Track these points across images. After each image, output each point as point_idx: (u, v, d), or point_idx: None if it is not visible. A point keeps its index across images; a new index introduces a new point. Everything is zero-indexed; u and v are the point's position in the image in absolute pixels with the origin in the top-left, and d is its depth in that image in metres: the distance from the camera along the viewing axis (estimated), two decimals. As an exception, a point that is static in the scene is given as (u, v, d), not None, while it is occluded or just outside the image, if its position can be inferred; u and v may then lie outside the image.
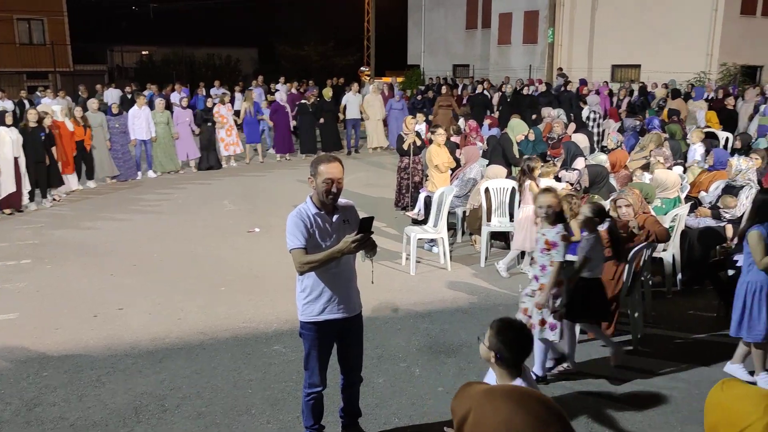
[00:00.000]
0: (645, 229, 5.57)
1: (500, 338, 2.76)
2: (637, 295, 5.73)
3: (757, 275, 4.81)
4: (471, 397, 1.62)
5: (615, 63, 25.35)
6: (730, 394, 1.51)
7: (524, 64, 28.07)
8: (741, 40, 23.10)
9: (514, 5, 28.50)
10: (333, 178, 3.72)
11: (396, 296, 6.96)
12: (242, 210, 11.03)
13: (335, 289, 3.86)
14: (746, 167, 7.17)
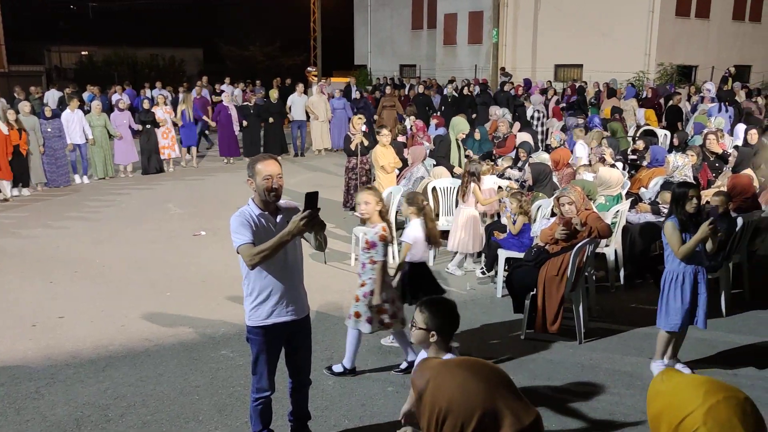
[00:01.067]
0: (587, 226, 5.69)
1: (438, 315, 2.89)
2: (581, 291, 5.84)
3: (675, 265, 4.98)
4: (429, 368, 1.73)
5: (558, 63, 25.87)
6: (670, 384, 1.55)
7: (470, 64, 28.39)
8: (676, 41, 23.88)
9: (458, 6, 28.79)
10: (271, 174, 3.68)
11: (345, 297, 6.92)
12: (187, 214, 10.83)
13: (283, 291, 3.80)
14: (682, 164, 7.41)
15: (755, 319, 6.37)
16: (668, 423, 1.50)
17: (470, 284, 7.36)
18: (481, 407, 1.55)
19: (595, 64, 23.46)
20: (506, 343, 5.80)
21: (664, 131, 13.41)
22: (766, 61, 26.23)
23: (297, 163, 16.10)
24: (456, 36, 29.46)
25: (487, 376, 1.61)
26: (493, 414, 1.52)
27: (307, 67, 32.95)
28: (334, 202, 10.65)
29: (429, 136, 12.13)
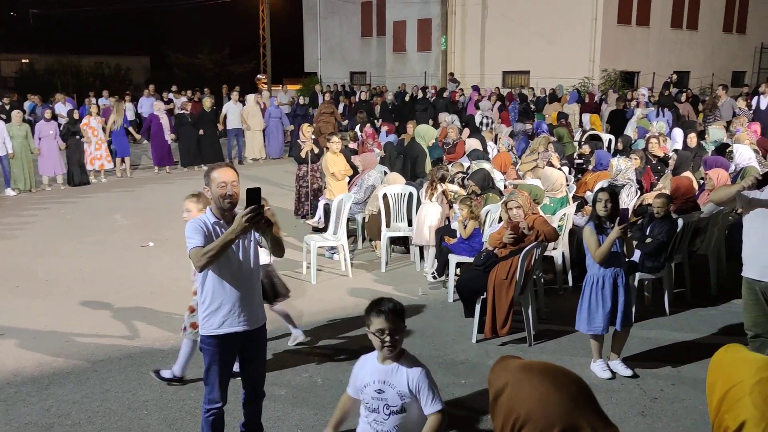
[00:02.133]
0: (534, 230, 5.79)
1: (404, 318, 3.10)
2: (530, 293, 5.94)
3: (595, 269, 5.13)
4: (509, 371, 1.69)
5: (505, 69, 26.28)
6: (732, 356, 1.66)
7: (420, 70, 28.62)
8: (619, 47, 24.53)
9: (407, 13, 29.00)
10: (226, 182, 3.67)
11: (297, 306, 6.89)
12: (135, 224, 10.62)
13: (236, 300, 3.76)
14: (625, 167, 7.62)
15: (697, 316, 6.57)
16: (720, 390, 1.61)
17: (422, 289, 7.40)
18: (560, 422, 1.53)
19: (541, 70, 23.91)
20: (458, 347, 5.85)
21: (609, 135, 13.75)
22: (703, 67, 27.15)
23: (244, 169, 15.93)
24: (405, 43, 29.66)
25: (569, 389, 1.60)
26: (572, 429, 1.51)
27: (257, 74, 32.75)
28: (285, 210, 10.59)
29: (379, 143, 12.18)
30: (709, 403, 1.66)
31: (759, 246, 4.57)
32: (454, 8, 26.75)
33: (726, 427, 1.58)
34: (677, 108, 15.56)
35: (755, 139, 11.02)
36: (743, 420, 1.54)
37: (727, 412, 1.58)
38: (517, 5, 24.85)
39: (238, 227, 3.45)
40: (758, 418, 1.52)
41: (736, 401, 1.56)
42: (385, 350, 3.11)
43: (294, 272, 7.96)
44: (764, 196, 4.53)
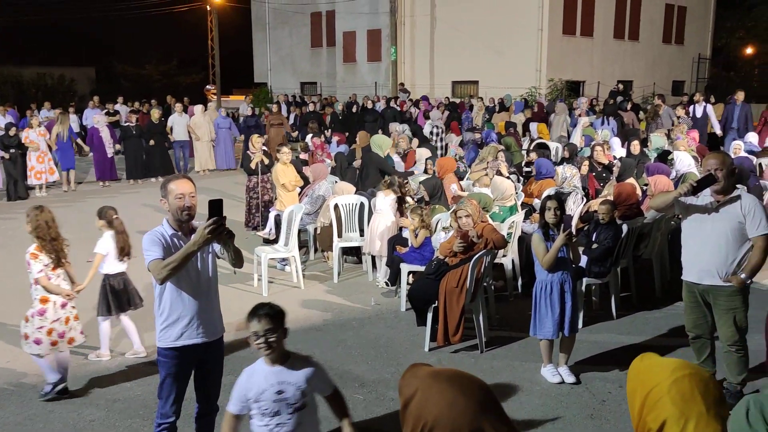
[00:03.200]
0: (484, 238, 5.86)
1: (281, 320, 3.16)
2: (480, 301, 6.00)
3: (543, 276, 5.24)
4: (418, 378, 1.72)
5: (455, 79, 26.60)
6: (647, 362, 1.76)
7: (370, 81, 28.74)
8: (565, 58, 25.11)
9: (357, 24, 29.12)
10: (184, 193, 3.65)
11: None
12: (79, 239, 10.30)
13: (194, 312, 3.72)
14: (571, 175, 7.79)
15: (642, 320, 6.74)
16: (640, 395, 1.70)
17: (375, 299, 7.41)
18: (467, 426, 1.57)
19: (490, 80, 24.27)
20: (411, 356, 5.87)
21: (556, 144, 14.02)
22: (645, 77, 27.98)
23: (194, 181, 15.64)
24: (356, 54, 29.76)
25: (477, 396, 1.64)
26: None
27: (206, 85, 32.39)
28: (235, 222, 10.46)
29: (330, 153, 12.17)
30: (631, 410, 1.74)
31: (697, 250, 4.73)
32: (403, 19, 26.98)
33: (649, 429, 1.66)
34: (622, 117, 15.99)
35: (694, 146, 11.40)
36: (664, 419, 1.62)
37: (648, 414, 1.66)
38: (465, 16, 25.21)
39: (200, 239, 3.43)
40: (677, 415, 1.61)
41: (656, 402, 1.65)
42: (262, 351, 3.16)
43: (245, 285, 7.88)
44: (700, 201, 4.69)
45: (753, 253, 4.58)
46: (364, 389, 5.24)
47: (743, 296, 4.69)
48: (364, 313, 6.98)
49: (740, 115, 14.24)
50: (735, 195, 4.59)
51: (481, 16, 24.80)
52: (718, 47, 33.44)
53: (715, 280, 4.65)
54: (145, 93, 30.36)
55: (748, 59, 34.15)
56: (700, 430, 1.60)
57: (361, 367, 5.65)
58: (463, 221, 5.91)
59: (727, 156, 4.83)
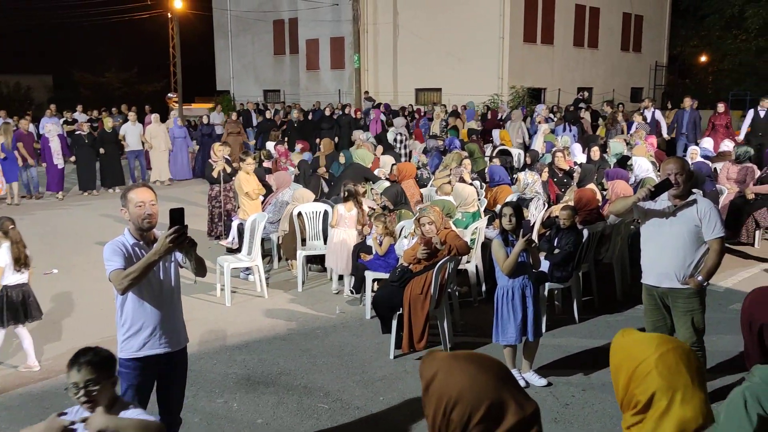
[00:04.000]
0: (447, 244, 5.88)
1: (110, 367, 2.81)
2: (445, 307, 6.02)
3: (504, 281, 5.29)
4: (438, 360, 1.80)
5: (418, 87, 26.73)
6: (630, 338, 1.86)
7: (333, 88, 28.72)
8: (526, 65, 25.44)
9: (320, 32, 29.09)
10: (144, 201, 3.61)
11: (211, 329, 6.73)
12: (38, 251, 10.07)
13: (157, 321, 3.66)
14: (532, 181, 7.88)
15: (604, 323, 6.83)
16: (626, 370, 1.79)
17: (340, 307, 7.37)
18: (489, 397, 1.66)
19: (453, 87, 24.45)
20: (376, 364, 5.85)
21: (518, 150, 14.18)
22: (604, 84, 28.48)
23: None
24: (319, 61, 29.71)
25: (495, 370, 1.74)
26: (499, 404, 1.65)
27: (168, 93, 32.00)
28: (197, 231, 10.33)
29: (293, 161, 12.11)
30: (616, 384, 1.84)
31: (655, 254, 4.81)
32: (366, 27, 27.03)
33: (637, 401, 1.76)
34: (581, 123, 16.26)
35: (653, 152, 11.63)
36: (653, 391, 1.73)
37: (636, 388, 1.76)
38: (427, 24, 25.38)
39: (162, 248, 3.39)
40: (665, 386, 1.72)
41: (645, 376, 1.75)
42: (82, 404, 2.74)
43: (208, 295, 7.78)
44: (658, 206, 4.77)
45: (709, 255, 4.67)
46: (329, 398, 5.20)
47: (701, 298, 4.78)
48: (329, 321, 6.94)
49: (689, 121, 14.67)
50: (691, 199, 4.69)
51: (443, 24, 24.99)
52: (673, 55, 34.25)
53: (673, 282, 4.73)
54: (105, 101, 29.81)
55: (703, 66, 35.04)
56: (687, 399, 1.71)
57: (325, 377, 5.61)
58: (426, 228, 5.93)
59: (686, 161, 4.93)
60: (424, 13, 25.45)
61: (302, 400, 5.17)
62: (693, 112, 14.83)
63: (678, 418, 1.70)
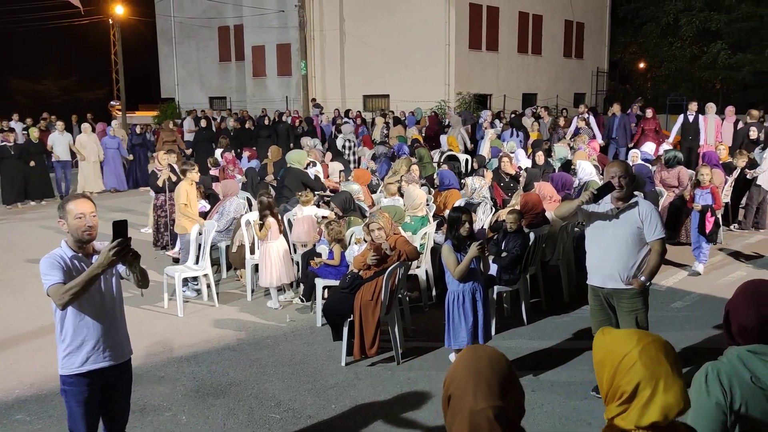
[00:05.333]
0: (397, 250, 5.90)
1: None
2: (395, 312, 6.03)
3: (455, 286, 5.35)
4: (459, 355, 2.06)
5: (366, 93, 26.81)
6: (610, 336, 1.99)
7: (281, 95, 28.58)
8: (472, 71, 25.79)
9: (266, 38, 28.91)
10: (85, 213, 3.50)
11: (159, 341, 6.59)
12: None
13: (99, 335, 3.55)
14: (479, 186, 7.98)
15: (552, 324, 6.95)
16: (611, 364, 1.92)
17: (290, 316, 7.31)
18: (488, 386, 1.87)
19: (400, 94, 24.62)
20: (327, 371, 5.82)
21: (466, 156, 14.34)
22: (548, 90, 29.08)
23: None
24: (265, 68, 29.53)
25: (489, 355, 1.97)
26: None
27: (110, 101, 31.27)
28: (143, 241, 10.12)
29: (241, 168, 11.98)
30: (600, 378, 1.97)
31: (599, 255, 4.92)
32: (313, 33, 27.00)
33: (623, 392, 1.88)
34: (526, 128, 16.56)
35: (595, 155, 11.91)
36: (638, 381, 1.85)
37: (622, 379, 1.89)
38: (374, 31, 25.51)
39: (105, 261, 3.30)
40: (649, 376, 1.85)
41: (630, 368, 1.87)
42: None
43: (155, 306, 7.61)
44: (601, 209, 4.89)
45: (651, 256, 4.81)
46: (280, 408, 5.15)
47: (644, 298, 4.91)
48: (279, 330, 6.88)
49: (619, 126, 15.16)
50: (633, 201, 4.82)
51: (390, 31, 25.15)
52: (614, 61, 35.24)
53: (617, 283, 4.85)
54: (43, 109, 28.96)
55: (642, 72, 36.15)
56: (669, 386, 1.84)
57: (276, 386, 5.55)
58: (375, 234, 5.94)
59: (628, 165, 5.07)
60: (370, 20, 25.57)
61: (253, 411, 5.10)
62: (623, 117, 15.35)
63: (661, 404, 1.83)
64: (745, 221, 10.92)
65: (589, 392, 5.23)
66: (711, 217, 8.23)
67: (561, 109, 25.48)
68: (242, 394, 5.39)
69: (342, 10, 26.44)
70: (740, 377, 2.16)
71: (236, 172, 11.48)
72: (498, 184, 9.71)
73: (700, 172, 8.57)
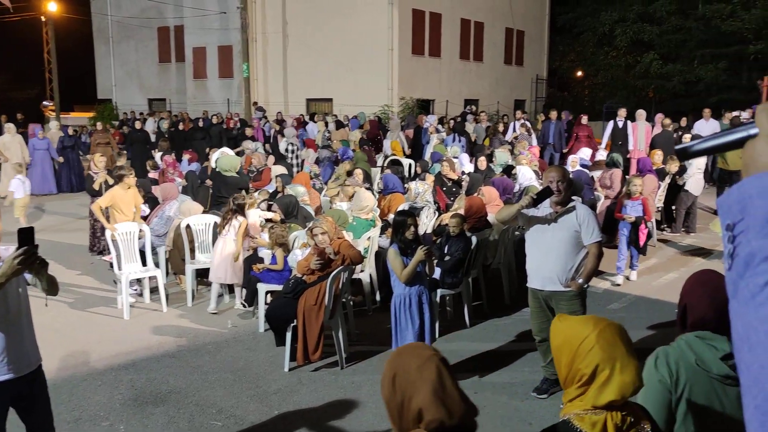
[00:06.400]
0: (341, 254, 5.89)
1: None
2: (339, 317, 6.01)
3: (401, 289, 5.40)
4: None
5: (309, 97, 26.67)
6: (567, 322, 2.09)
7: (222, 97, 28.17)
8: (415, 76, 25.97)
9: (207, 40, 28.46)
10: None
11: (94, 348, 6.40)
12: None
13: (3, 345, 3.41)
14: (423, 190, 8.05)
15: (494, 326, 7.06)
16: (569, 349, 2.01)
17: (231, 321, 7.21)
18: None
19: (344, 98, 24.58)
20: (270, 377, 5.76)
21: (409, 160, 14.44)
22: (490, 96, 29.55)
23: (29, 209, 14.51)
24: (206, 70, 29.05)
25: (418, 352, 2.10)
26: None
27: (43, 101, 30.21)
28: (78, 246, 9.82)
29: (181, 171, 11.75)
30: (559, 364, 2.06)
31: (539, 258, 5.04)
32: (255, 36, 26.71)
33: (582, 375, 1.98)
34: (469, 134, 16.80)
35: (536, 161, 12.18)
36: (596, 363, 1.95)
37: (581, 363, 1.98)
38: (317, 35, 25.40)
39: (9, 270, 3.17)
40: (606, 358, 1.95)
41: (588, 351, 1.98)
42: None
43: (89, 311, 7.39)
44: (541, 213, 5.00)
45: (588, 259, 4.94)
46: (222, 415, 5.07)
47: (581, 299, 5.05)
48: (221, 336, 6.77)
49: (555, 132, 15.60)
50: (571, 206, 4.95)
51: (333, 35, 25.09)
52: (553, 69, 36.09)
53: (556, 285, 4.97)
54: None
55: (579, 80, 37.14)
56: (625, 366, 1.95)
57: (218, 393, 5.46)
58: (319, 238, 5.92)
59: (566, 170, 5.20)
60: (313, 23, 25.47)
61: (194, 419, 5.01)
62: (559, 123, 15.82)
63: (619, 384, 1.93)
64: (675, 225, 11.33)
65: (530, 393, 5.33)
66: (645, 229, 8.33)
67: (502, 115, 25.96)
68: (183, 401, 5.28)
69: (285, 13, 26.24)
70: (686, 360, 2.29)
71: (176, 175, 11.25)
72: (441, 188, 9.81)
73: (632, 183, 8.47)
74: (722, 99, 25.66)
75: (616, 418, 1.95)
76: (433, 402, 1.97)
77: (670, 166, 10.96)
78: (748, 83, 27.19)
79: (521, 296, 7.21)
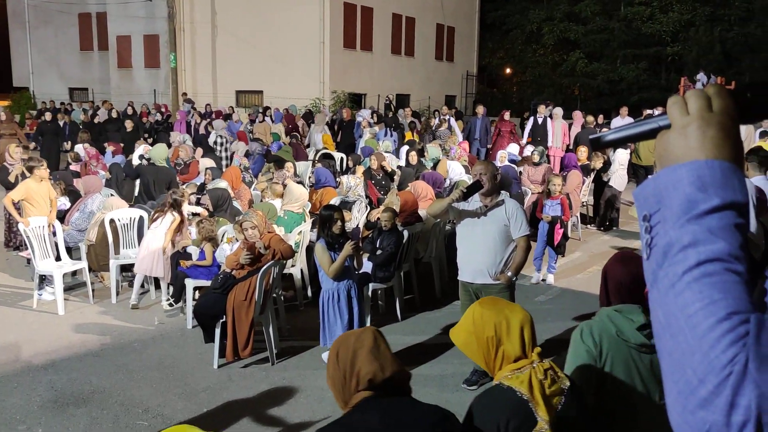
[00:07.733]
0: (271, 248, 5.81)
1: None
2: (270, 312, 5.94)
3: (329, 284, 5.40)
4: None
5: (238, 89, 26.21)
6: (456, 327, 2.41)
7: (148, 88, 27.36)
8: (346, 70, 25.90)
9: (132, 28, 27.55)
10: None
11: (10, 349, 6.10)
12: None
13: None
14: (354, 184, 8.03)
15: (425, 320, 7.11)
16: (467, 332, 2.31)
17: (158, 318, 7.01)
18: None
19: (274, 90, 24.27)
20: (199, 374, 5.63)
21: (341, 154, 14.38)
22: (421, 91, 29.77)
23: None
24: (132, 59, 28.13)
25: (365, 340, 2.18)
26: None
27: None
28: (-7, 242, 9.35)
29: (105, 164, 11.34)
30: (474, 354, 2.32)
31: (469, 252, 5.11)
32: (183, 26, 26.02)
33: (489, 337, 2.24)
34: (402, 127, 16.88)
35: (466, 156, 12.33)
36: (493, 322, 2.26)
37: (483, 332, 2.26)
38: (247, 26, 24.97)
39: None
40: (497, 313, 2.28)
41: (481, 319, 2.28)
42: None
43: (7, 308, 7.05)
44: (471, 207, 5.07)
45: (517, 252, 5.05)
46: (149, 414, 4.92)
47: (510, 292, 5.15)
48: (147, 333, 6.58)
49: (481, 127, 15.93)
50: (500, 200, 5.04)
51: (264, 27, 24.72)
52: (483, 65, 36.66)
53: (486, 278, 5.05)
54: None
55: (508, 77, 37.86)
56: (512, 310, 2.32)
57: (144, 391, 5.30)
58: (249, 233, 5.81)
59: (492, 163, 5.29)
60: (243, 14, 25.02)
61: (119, 419, 4.85)
62: (484, 119, 16.14)
63: (518, 320, 2.28)
64: (600, 220, 11.70)
65: (461, 385, 5.40)
66: (560, 229, 8.27)
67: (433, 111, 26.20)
68: (106, 401, 5.11)
69: (213, 3, 25.67)
70: (608, 332, 2.49)
71: (99, 168, 10.85)
72: (371, 182, 9.81)
73: (551, 182, 8.42)
74: (642, 98, 26.62)
75: (540, 374, 2.17)
76: (368, 359, 2.06)
77: (595, 162, 11.29)
78: (666, 83, 28.40)
79: (452, 289, 7.30)
